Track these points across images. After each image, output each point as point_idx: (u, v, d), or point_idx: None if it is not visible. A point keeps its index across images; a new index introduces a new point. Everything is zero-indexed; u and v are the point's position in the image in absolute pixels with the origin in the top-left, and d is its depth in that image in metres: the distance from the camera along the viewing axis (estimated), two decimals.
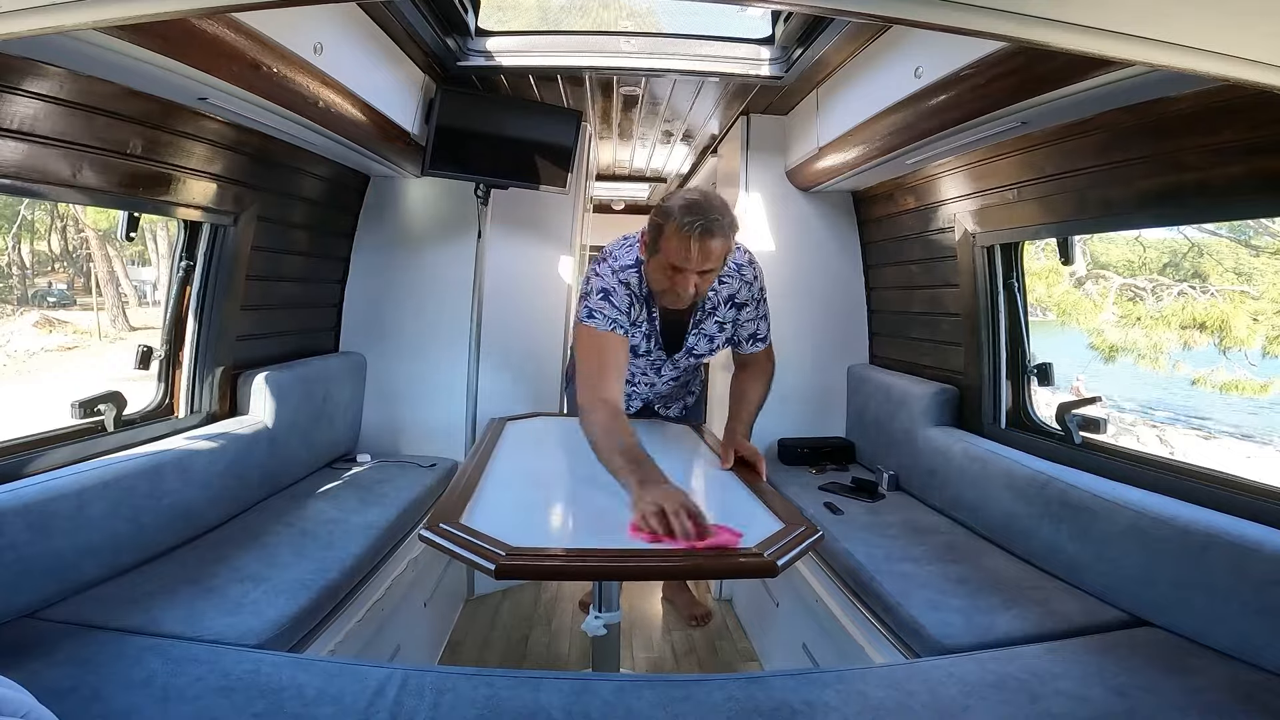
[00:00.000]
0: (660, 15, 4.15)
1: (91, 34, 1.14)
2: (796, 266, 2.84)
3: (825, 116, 2.33)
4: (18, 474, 1.43)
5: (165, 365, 1.97)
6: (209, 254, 2.00)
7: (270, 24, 1.39)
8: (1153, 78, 1.24)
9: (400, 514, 2.05)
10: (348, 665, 1.22)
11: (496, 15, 2.49)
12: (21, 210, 11.50)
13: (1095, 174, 1.67)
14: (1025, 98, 1.43)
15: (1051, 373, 2.08)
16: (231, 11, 1.22)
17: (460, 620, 2.54)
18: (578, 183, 2.88)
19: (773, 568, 1.09)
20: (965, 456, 2.04)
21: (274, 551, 1.66)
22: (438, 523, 1.17)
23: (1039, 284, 7.21)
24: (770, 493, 1.48)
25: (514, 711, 1.08)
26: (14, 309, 11.78)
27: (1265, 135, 1.27)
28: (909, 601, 1.54)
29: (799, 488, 2.35)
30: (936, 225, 2.34)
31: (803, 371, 2.85)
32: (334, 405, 2.49)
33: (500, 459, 1.67)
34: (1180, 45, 0.68)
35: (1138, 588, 1.46)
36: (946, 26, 0.70)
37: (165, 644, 1.23)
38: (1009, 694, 1.17)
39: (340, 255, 2.74)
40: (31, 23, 0.71)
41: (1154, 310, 7.47)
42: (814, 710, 1.11)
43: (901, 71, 1.72)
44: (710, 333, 1.85)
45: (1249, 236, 8.11)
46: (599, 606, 1.42)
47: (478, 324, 2.75)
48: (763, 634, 2.39)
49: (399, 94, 2.14)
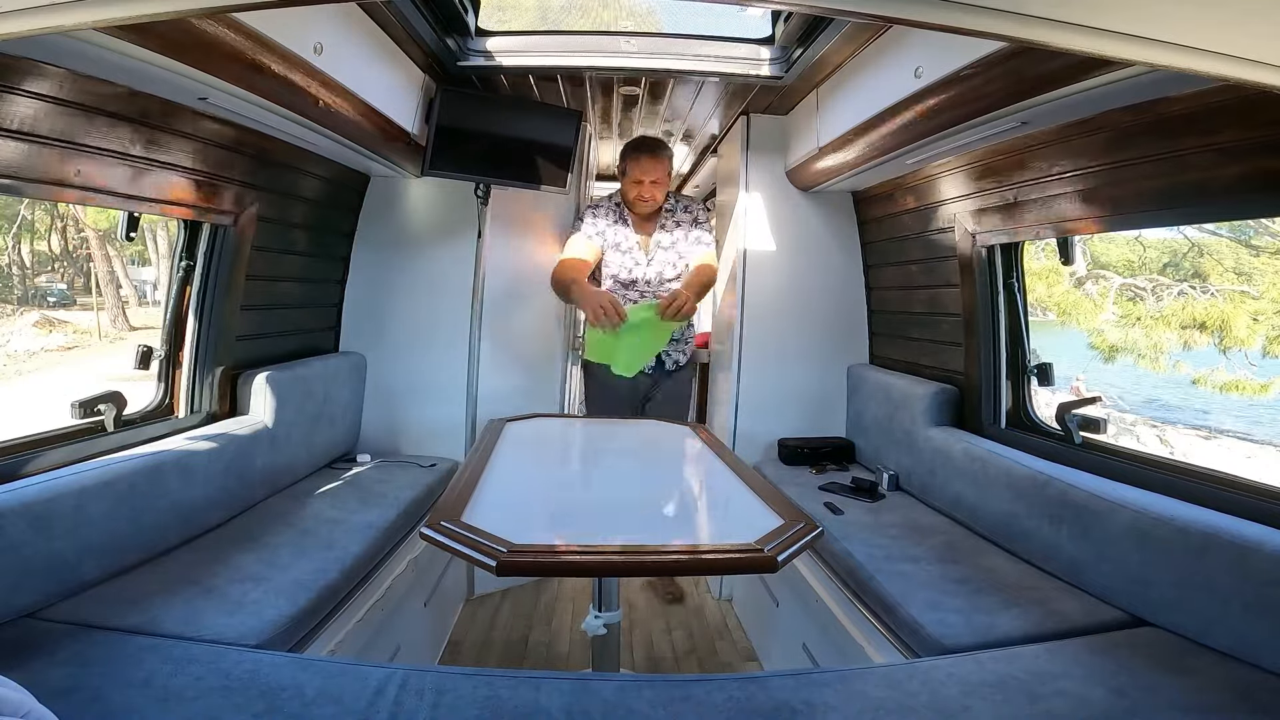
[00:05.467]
0: (660, 15, 4.15)
1: (91, 34, 1.14)
2: (796, 266, 2.84)
3: (825, 116, 2.33)
4: (18, 474, 1.43)
5: (165, 365, 1.97)
6: (209, 254, 2.00)
7: (270, 24, 1.39)
8: (1153, 78, 1.24)
9: (400, 514, 2.05)
10: (348, 665, 1.23)
11: (496, 15, 2.49)
12: (21, 210, 11.51)
13: (1095, 174, 1.67)
14: (1025, 98, 1.43)
15: (1051, 373, 2.08)
16: (231, 11, 1.22)
17: (460, 620, 2.54)
18: (578, 183, 2.88)
19: (773, 563, 1.10)
20: (965, 456, 2.04)
21: (274, 551, 1.66)
22: (439, 521, 1.17)
23: (1039, 284, 7.21)
24: (769, 490, 1.48)
25: (514, 711, 1.08)
26: (14, 309, 11.78)
27: (1265, 135, 1.27)
28: (909, 601, 1.53)
29: (799, 488, 2.35)
30: (936, 225, 2.33)
31: (803, 371, 2.85)
32: (334, 405, 2.48)
33: (500, 459, 1.67)
34: (1180, 45, 0.68)
35: (1138, 588, 1.46)
36: (946, 26, 0.70)
37: (165, 644, 1.23)
38: (1009, 694, 1.17)
39: (340, 255, 2.74)
40: (31, 23, 0.71)
41: (1154, 310, 7.47)
42: (814, 710, 1.11)
43: (901, 71, 1.72)
44: (670, 228, 2.64)
45: (1249, 236, 8.11)
46: (599, 606, 1.42)
47: (478, 324, 2.75)
48: (763, 634, 2.39)
49: (399, 94, 2.14)
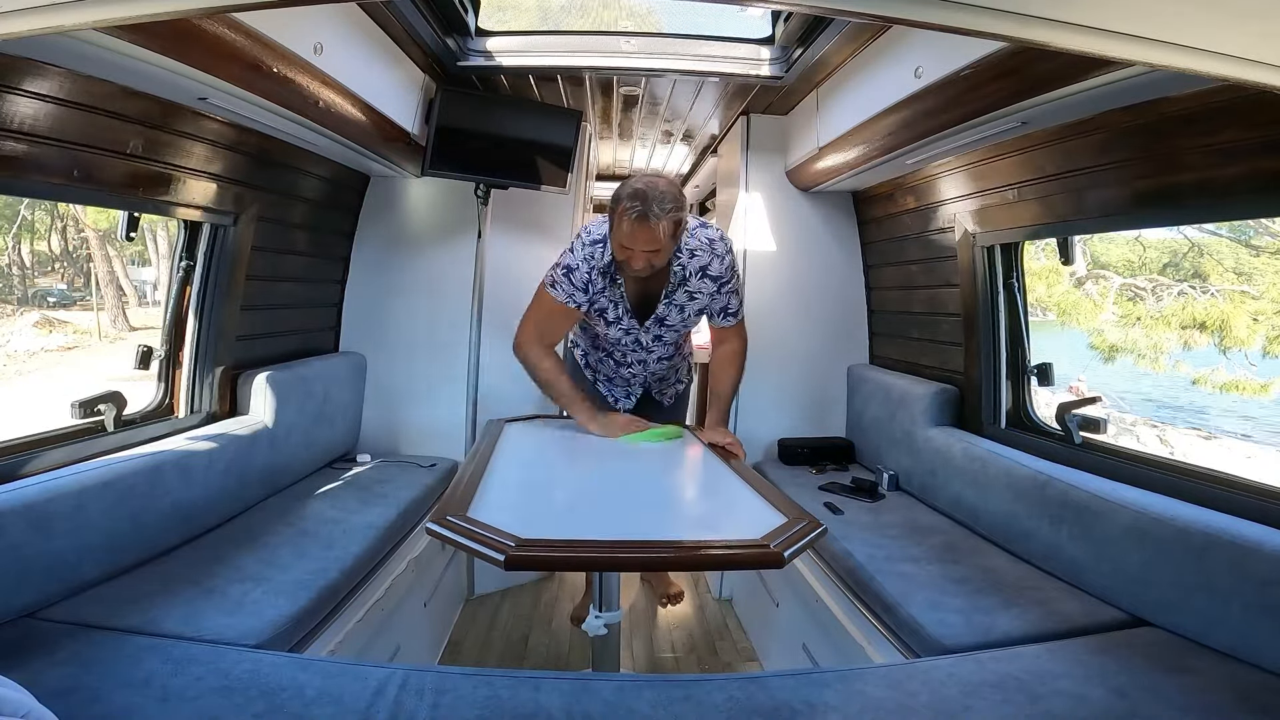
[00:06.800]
0: (660, 15, 4.14)
1: (91, 34, 1.14)
2: (796, 266, 2.84)
3: (825, 116, 2.33)
4: (17, 474, 1.43)
5: (165, 365, 1.97)
6: (209, 254, 2.00)
7: (270, 24, 1.39)
8: (1153, 78, 1.24)
9: (400, 514, 2.05)
10: (348, 665, 1.22)
11: (496, 15, 2.49)
12: (22, 210, 11.50)
13: (1095, 174, 1.67)
14: (1025, 98, 1.43)
15: (1051, 373, 2.08)
16: (231, 11, 1.22)
17: (460, 620, 2.54)
18: (578, 183, 2.88)
19: (780, 559, 1.10)
20: (965, 456, 2.04)
21: (274, 551, 1.66)
22: (445, 516, 1.17)
23: (1039, 284, 7.20)
24: (771, 489, 1.48)
25: (514, 711, 1.08)
26: (14, 309, 11.77)
27: (1265, 135, 1.27)
28: (909, 601, 1.53)
29: (799, 488, 2.35)
30: (936, 225, 2.34)
31: (803, 371, 2.85)
32: (334, 405, 2.48)
33: (501, 458, 1.67)
34: (1180, 45, 0.67)
35: (1138, 588, 1.46)
36: (946, 26, 0.70)
37: (165, 644, 1.23)
38: (1009, 694, 1.17)
39: (340, 255, 2.74)
40: (31, 23, 0.71)
41: (1154, 310, 7.46)
42: (814, 710, 1.11)
43: (901, 71, 1.72)
44: (680, 302, 1.95)
45: (1249, 236, 8.10)
46: (599, 606, 1.42)
47: (478, 324, 2.75)
48: (763, 634, 2.39)
49: (399, 94, 2.14)
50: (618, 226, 1.72)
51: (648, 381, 2.22)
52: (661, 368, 2.17)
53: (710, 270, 1.90)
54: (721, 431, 1.91)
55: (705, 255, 1.89)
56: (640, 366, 2.13)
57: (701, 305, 1.97)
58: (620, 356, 2.11)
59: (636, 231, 1.67)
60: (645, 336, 2.02)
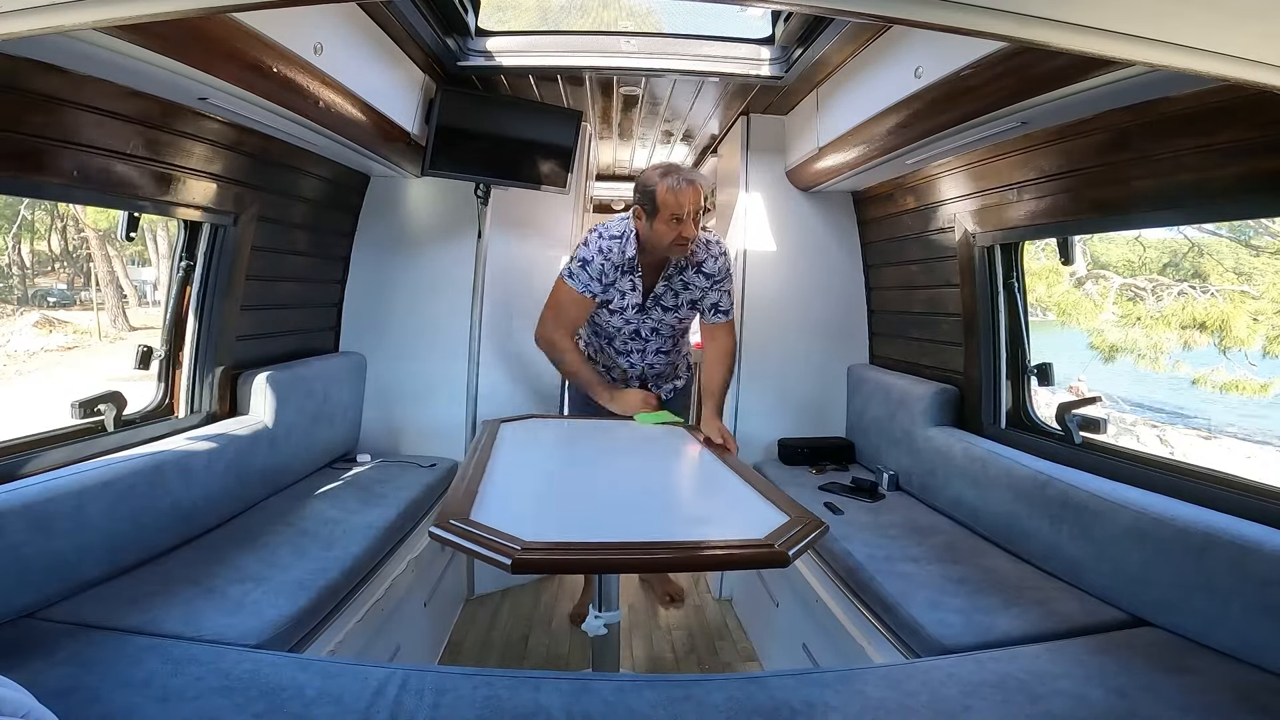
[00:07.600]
0: (660, 15, 4.15)
1: (91, 34, 1.14)
2: (796, 266, 2.84)
3: (825, 116, 2.33)
4: (17, 474, 1.43)
5: (165, 365, 1.97)
6: (209, 254, 2.00)
7: (270, 24, 1.39)
8: (1153, 78, 1.25)
9: (400, 514, 2.05)
10: (348, 665, 1.22)
11: (496, 15, 2.49)
12: (22, 210, 11.50)
13: (1095, 174, 1.67)
14: (1025, 98, 1.43)
15: (1051, 373, 2.08)
16: (231, 11, 1.22)
17: (460, 620, 2.54)
18: (578, 183, 2.88)
19: (784, 558, 1.10)
20: (965, 456, 2.04)
21: (274, 551, 1.66)
22: (448, 520, 1.16)
23: (1039, 284, 7.20)
24: (772, 488, 1.48)
25: (514, 711, 1.08)
26: (14, 309, 11.77)
27: (1265, 135, 1.27)
28: (909, 601, 1.54)
29: (799, 488, 2.35)
30: (936, 225, 2.34)
31: (803, 371, 2.85)
32: (334, 405, 2.48)
33: (500, 460, 1.67)
34: (1180, 45, 0.68)
35: (1138, 588, 1.46)
36: (946, 26, 0.70)
37: (165, 644, 1.23)
38: (1009, 694, 1.17)
39: (340, 255, 2.73)
40: (31, 23, 0.71)
41: (1154, 310, 7.46)
42: (814, 710, 1.11)
43: (901, 71, 1.72)
44: (676, 289, 2.17)
45: (1249, 236, 8.09)
46: (599, 606, 1.42)
47: (478, 324, 2.75)
48: (763, 634, 2.39)
49: (399, 94, 2.14)
50: (664, 201, 1.92)
51: (644, 374, 2.35)
52: (659, 361, 2.32)
53: (705, 267, 2.13)
54: (717, 425, 2.00)
55: (701, 253, 2.12)
56: (638, 356, 2.30)
57: (694, 297, 2.18)
58: (620, 345, 2.29)
59: (684, 194, 1.91)
60: (643, 328, 2.23)
